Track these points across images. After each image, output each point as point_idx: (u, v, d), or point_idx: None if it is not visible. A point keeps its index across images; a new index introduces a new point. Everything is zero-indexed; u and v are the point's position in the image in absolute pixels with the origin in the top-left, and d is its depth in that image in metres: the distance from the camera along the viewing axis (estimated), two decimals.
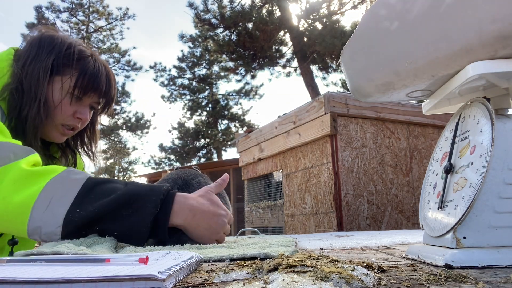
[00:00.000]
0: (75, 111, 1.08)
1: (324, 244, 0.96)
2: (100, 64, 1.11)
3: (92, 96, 1.10)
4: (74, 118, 1.08)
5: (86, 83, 1.06)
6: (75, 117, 1.08)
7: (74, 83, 1.05)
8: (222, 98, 21.29)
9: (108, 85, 1.12)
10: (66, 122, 1.08)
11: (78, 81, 1.05)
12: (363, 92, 0.74)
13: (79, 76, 1.05)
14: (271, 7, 13.33)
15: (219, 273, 0.44)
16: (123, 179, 26.80)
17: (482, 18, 0.49)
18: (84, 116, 1.09)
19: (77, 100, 1.08)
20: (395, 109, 2.98)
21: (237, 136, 4.44)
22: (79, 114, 1.08)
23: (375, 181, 2.82)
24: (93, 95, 1.10)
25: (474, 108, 0.58)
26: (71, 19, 19.98)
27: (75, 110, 1.08)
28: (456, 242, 0.51)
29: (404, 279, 0.41)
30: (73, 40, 1.10)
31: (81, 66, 1.06)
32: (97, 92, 1.09)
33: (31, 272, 0.38)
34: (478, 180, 0.50)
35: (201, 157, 21.22)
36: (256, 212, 3.87)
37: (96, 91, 1.09)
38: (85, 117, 1.10)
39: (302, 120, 3.04)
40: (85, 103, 1.10)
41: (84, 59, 1.08)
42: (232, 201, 8.45)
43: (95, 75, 1.07)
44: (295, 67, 14.41)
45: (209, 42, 14.96)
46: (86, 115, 1.10)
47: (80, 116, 1.08)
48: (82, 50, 1.08)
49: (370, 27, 0.67)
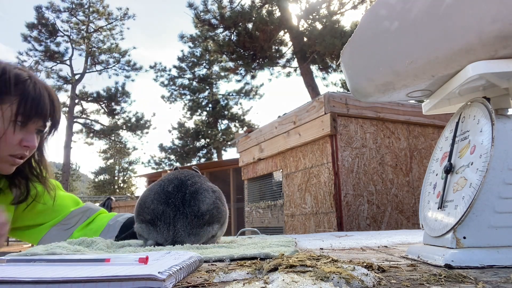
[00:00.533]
0: (21, 139, 1.02)
1: (324, 244, 0.96)
2: (41, 86, 1.05)
3: (37, 121, 1.04)
4: (21, 147, 1.02)
5: (29, 108, 1.00)
6: (22, 146, 1.02)
7: (16, 111, 0.98)
8: (222, 98, 21.30)
9: (52, 108, 1.06)
10: (13, 152, 1.01)
11: (20, 108, 0.99)
12: (363, 92, 0.74)
13: (20, 102, 0.99)
14: (271, 7, 13.33)
15: (219, 273, 0.44)
16: (123, 179, 26.70)
17: (482, 18, 0.49)
18: (32, 143, 1.03)
19: (21, 128, 1.01)
20: (395, 109, 2.98)
21: (237, 136, 4.44)
22: (26, 142, 1.02)
23: (375, 181, 2.82)
24: (38, 120, 1.04)
25: (474, 108, 0.58)
26: (71, 19, 20.00)
27: (21, 138, 1.02)
28: (456, 242, 0.51)
29: (404, 279, 0.41)
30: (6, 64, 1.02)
31: (20, 91, 1.00)
32: (42, 116, 1.04)
33: (31, 272, 0.38)
34: (478, 180, 0.50)
35: (201, 157, 21.23)
36: (256, 212, 3.87)
37: (40, 116, 1.03)
38: (33, 144, 1.04)
39: (302, 120, 3.04)
40: (30, 130, 1.03)
41: (23, 83, 1.01)
42: (232, 201, 8.45)
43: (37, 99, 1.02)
44: (295, 67, 14.41)
45: (209, 42, 14.96)
46: (34, 141, 1.04)
47: (27, 144, 1.02)
48: (18, 74, 1.01)
49: (370, 27, 0.67)
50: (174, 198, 0.90)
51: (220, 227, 0.94)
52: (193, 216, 0.89)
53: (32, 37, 19.16)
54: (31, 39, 19.12)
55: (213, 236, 0.92)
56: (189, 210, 0.89)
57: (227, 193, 8.44)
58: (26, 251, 0.61)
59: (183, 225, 0.88)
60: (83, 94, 20.61)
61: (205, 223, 0.90)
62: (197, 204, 0.91)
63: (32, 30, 19.17)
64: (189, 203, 0.90)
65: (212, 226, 0.91)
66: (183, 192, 0.92)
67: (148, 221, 0.89)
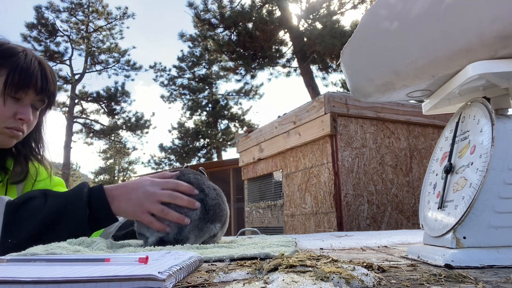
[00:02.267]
0: (15, 112, 1.00)
1: (324, 244, 0.96)
2: (33, 58, 1.03)
3: (29, 94, 1.02)
4: (16, 120, 1.01)
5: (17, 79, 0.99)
6: (17, 119, 1.01)
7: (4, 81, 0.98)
8: (222, 98, 21.31)
9: (45, 79, 1.04)
10: (8, 125, 1.00)
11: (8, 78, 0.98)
12: (363, 92, 0.74)
13: (9, 72, 0.98)
14: (271, 7, 13.33)
15: (219, 273, 0.44)
16: (123, 179, 26.72)
17: (482, 18, 0.49)
18: (26, 116, 1.01)
19: (15, 101, 1.01)
20: (395, 109, 2.98)
21: (237, 136, 4.45)
22: (20, 115, 1.01)
23: (375, 181, 2.82)
24: (30, 92, 1.02)
25: (474, 108, 0.58)
26: (70, 19, 19.99)
27: (15, 111, 1.01)
28: (456, 242, 0.51)
29: (404, 279, 0.41)
30: (5, 41, 1.03)
31: (11, 62, 0.99)
32: (32, 88, 1.02)
33: (31, 272, 0.38)
34: (478, 180, 0.50)
35: (201, 157, 21.24)
36: (256, 212, 3.87)
37: (30, 87, 1.01)
38: (27, 117, 1.02)
39: (302, 120, 3.04)
40: (25, 103, 1.02)
41: (15, 55, 1.01)
42: (232, 201, 8.45)
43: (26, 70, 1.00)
44: (295, 67, 14.42)
45: (209, 42, 14.97)
46: (28, 114, 1.02)
47: (21, 117, 1.01)
48: (12, 47, 1.02)
49: (370, 27, 0.67)
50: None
51: (221, 227, 0.95)
52: (198, 210, 0.89)
53: (31, 37, 19.17)
54: (30, 39, 19.12)
55: (214, 235, 0.93)
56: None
57: (227, 193, 8.43)
58: (26, 251, 0.61)
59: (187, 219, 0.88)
60: (83, 94, 20.61)
61: (208, 220, 0.90)
62: (204, 198, 0.91)
63: (31, 30, 19.17)
64: (194, 197, 0.91)
65: (214, 225, 0.91)
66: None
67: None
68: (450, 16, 0.52)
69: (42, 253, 0.60)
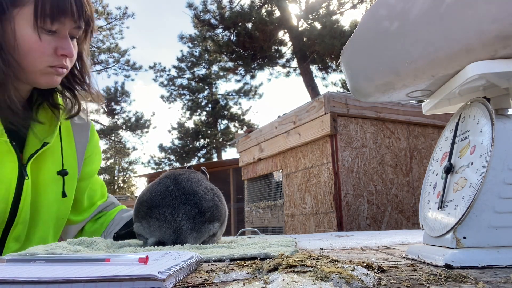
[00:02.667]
0: (55, 47, 0.89)
1: (324, 244, 0.96)
2: None
3: (66, 23, 0.89)
4: (58, 57, 0.90)
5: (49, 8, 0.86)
6: (59, 55, 0.90)
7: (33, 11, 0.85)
8: (221, 98, 21.30)
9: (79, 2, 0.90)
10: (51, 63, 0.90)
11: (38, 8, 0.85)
12: (363, 92, 0.74)
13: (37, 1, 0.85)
14: (271, 7, 13.33)
15: (219, 273, 0.44)
16: (123, 179, 26.62)
17: (482, 18, 0.49)
18: (68, 50, 0.91)
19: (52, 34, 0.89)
20: (395, 109, 2.98)
21: (237, 136, 4.45)
22: (62, 50, 0.90)
23: (375, 181, 2.82)
24: (65, 20, 0.89)
25: (474, 108, 0.58)
26: None
27: (55, 46, 0.89)
28: (456, 242, 0.51)
29: (404, 279, 0.41)
30: None
31: None
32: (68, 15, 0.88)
33: (31, 272, 0.38)
34: (478, 180, 0.50)
35: (200, 157, 21.24)
36: (256, 212, 3.87)
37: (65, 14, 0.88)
38: (70, 51, 0.91)
39: (302, 120, 3.04)
40: (62, 34, 0.90)
41: None
42: (232, 201, 8.45)
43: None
44: (295, 67, 14.42)
45: (208, 42, 14.96)
46: (70, 48, 0.91)
47: (63, 52, 0.90)
48: None
49: (370, 27, 0.67)
50: (175, 195, 0.91)
51: (220, 226, 0.94)
52: (194, 213, 0.89)
53: None
54: None
55: (213, 234, 0.93)
56: (190, 207, 0.89)
57: (227, 193, 8.44)
58: (26, 251, 0.61)
59: (185, 222, 0.88)
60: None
61: (206, 221, 0.90)
62: (199, 201, 0.91)
63: None
64: (190, 201, 0.90)
65: (212, 224, 0.91)
66: (183, 190, 0.92)
67: (149, 219, 0.89)
68: (450, 16, 0.52)
69: (42, 253, 0.60)
